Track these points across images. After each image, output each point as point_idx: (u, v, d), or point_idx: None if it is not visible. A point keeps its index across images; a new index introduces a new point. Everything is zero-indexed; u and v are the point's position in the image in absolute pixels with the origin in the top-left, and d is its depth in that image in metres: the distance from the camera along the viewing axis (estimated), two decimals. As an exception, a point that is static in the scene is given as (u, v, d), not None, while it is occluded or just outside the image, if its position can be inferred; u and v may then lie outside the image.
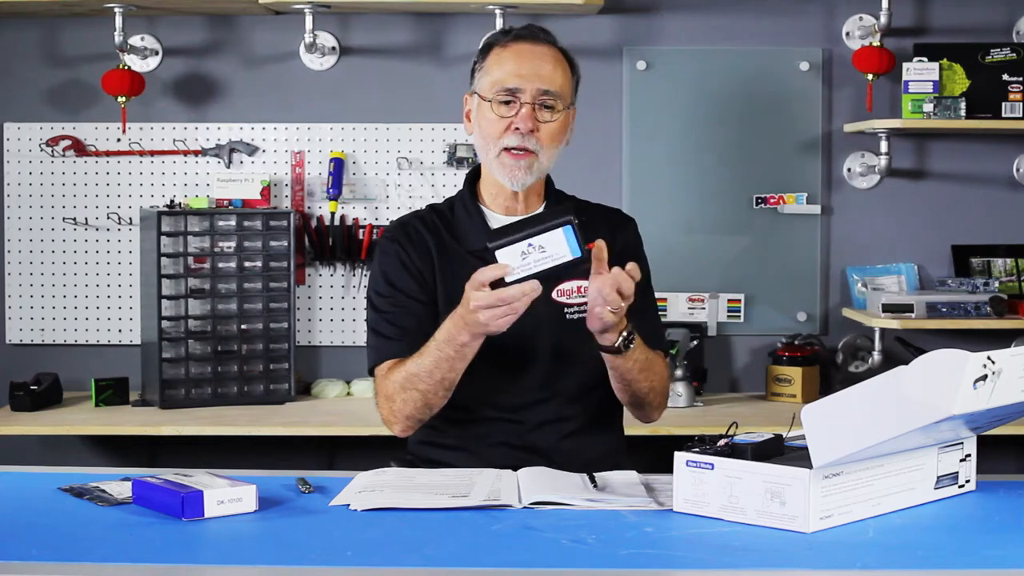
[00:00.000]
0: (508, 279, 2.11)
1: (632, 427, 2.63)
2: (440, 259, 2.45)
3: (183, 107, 4.02)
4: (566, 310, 2.44)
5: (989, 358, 1.77)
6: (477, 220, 2.47)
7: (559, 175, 2.55)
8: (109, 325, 4.03)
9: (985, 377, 1.77)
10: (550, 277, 2.18)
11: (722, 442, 1.98)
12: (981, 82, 3.87)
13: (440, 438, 2.47)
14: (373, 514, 1.98)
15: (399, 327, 2.43)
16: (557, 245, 2.10)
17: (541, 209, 2.49)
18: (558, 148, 2.45)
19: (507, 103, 2.40)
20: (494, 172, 2.43)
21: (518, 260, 2.10)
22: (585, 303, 2.39)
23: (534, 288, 2.10)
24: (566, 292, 2.44)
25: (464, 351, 2.26)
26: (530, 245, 2.09)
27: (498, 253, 2.10)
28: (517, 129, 2.38)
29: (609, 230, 2.48)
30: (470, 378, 2.35)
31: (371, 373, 2.47)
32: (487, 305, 2.13)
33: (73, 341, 4.03)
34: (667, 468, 2.05)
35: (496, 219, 2.46)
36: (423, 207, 2.58)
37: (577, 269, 2.16)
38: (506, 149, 2.39)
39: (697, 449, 1.99)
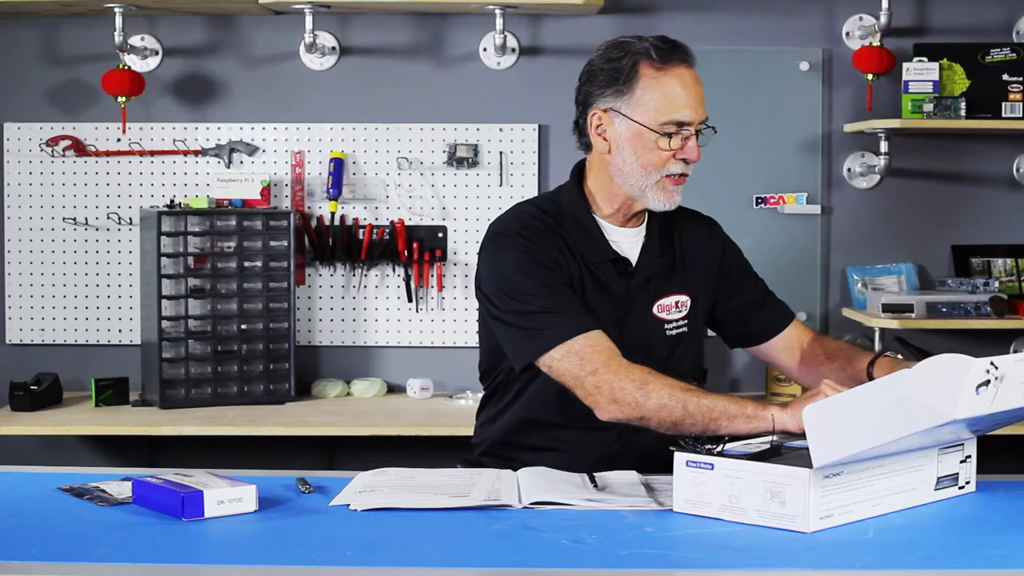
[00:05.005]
0: None
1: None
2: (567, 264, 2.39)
3: (183, 107, 4.02)
4: (666, 326, 2.45)
5: (992, 363, 1.78)
6: (598, 235, 2.41)
7: (563, 174, 2.53)
8: (109, 325, 4.03)
9: (988, 382, 1.77)
10: (655, 292, 2.33)
11: (711, 447, 1.99)
12: (981, 82, 3.87)
13: (529, 439, 2.43)
14: (373, 514, 1.98)
15: (579, 307, 2.32)
16: None
17: (645, 220, 2.46)
18: None
19: (675, 134, 2.34)
20: (646, 196, 2.37)
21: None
22: (682, 318, 2.45)
23: None
24: (666, 308, 2.45)
25: (755, 421, 2.14)
26: None
27: None
28: (684, 159, 2.35)
29: (706, 237, 2.57)
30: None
31: (541, 351, 2.29)
32: None
33: (73, 341, 4.03)
34: (667, 468, 2.05)
35: (610, 230, 2.42)
36: (526, 208, 2.45)
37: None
38: (668, 176, 2.36)
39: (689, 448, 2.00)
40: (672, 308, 2.45)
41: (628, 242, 2.44)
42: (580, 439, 2.38)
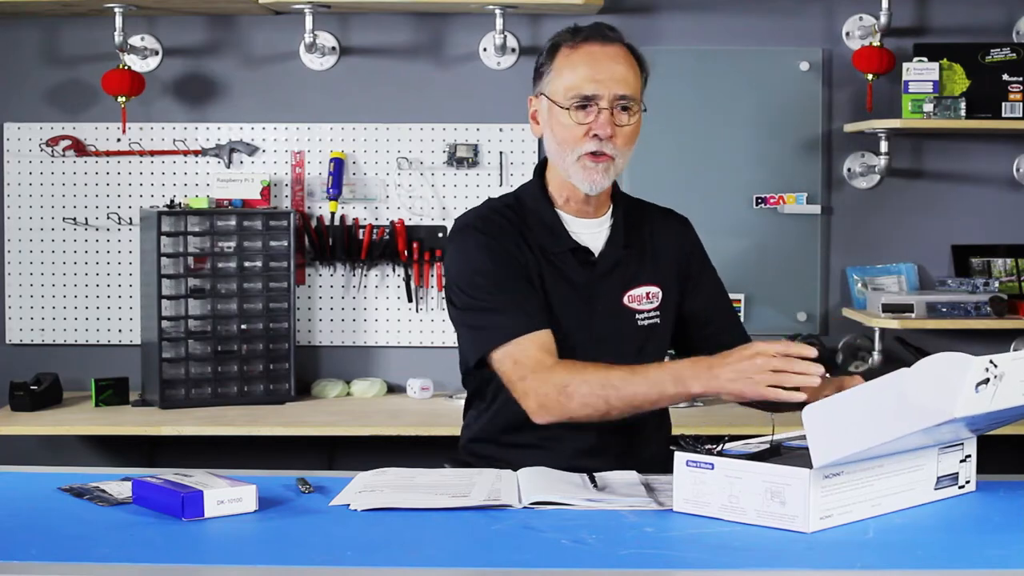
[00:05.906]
0: None
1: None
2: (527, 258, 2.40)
3: (183, 107, 4.02)
4: (637, 316, 2.44)
5: (991, 361, 1.77)
6: (558, 226, 2.42)
7: (559, 175, 2.54)
8: (109, 325, 4.03)
9: (987, 380, 1.77)
10: (624, 283, 2.31)
11: (712, 447, 1.99)
12: (981, 82, 3.87)
13: (510, 437, 2.43)
14: (373, 514, 1.97)
15: (527, 307, 2.32)
16: None
17: (609, 212, 2.46)
18: (631, 150, 2.41)
19: (584, 108, 2.34)
20: (571, 177, 2.38)
21: None
22: (654, 309, 2.44)
23: (817, 371, 2.04)
24: (636, 298, 2.44)
25: (677, 399, 2.18)
26: None
27: None
28: (596, 135, 2.34)
29: (677, 232, 2.54)
30: None
31: (483, 351, 2.32)
32: (777, 353, 2.04)
33: (73, 341, 4.03)
34: (666, 467, 2.05)
35: (570, 221, 2.43)
36: (489, 204, 2.48)
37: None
38: (586, 154, 2.35)
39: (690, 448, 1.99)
40: (643, 299, 2.45)
41: (589, 232, 2.44)
42: (561, 435, 2.37)
